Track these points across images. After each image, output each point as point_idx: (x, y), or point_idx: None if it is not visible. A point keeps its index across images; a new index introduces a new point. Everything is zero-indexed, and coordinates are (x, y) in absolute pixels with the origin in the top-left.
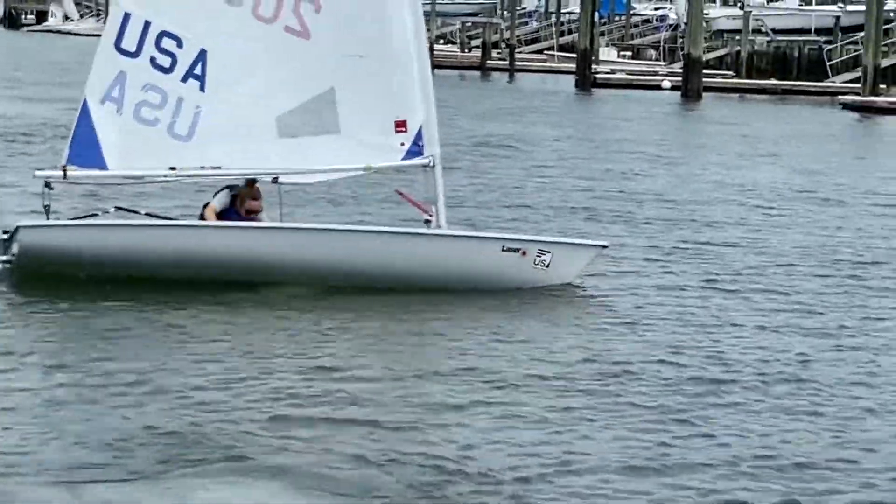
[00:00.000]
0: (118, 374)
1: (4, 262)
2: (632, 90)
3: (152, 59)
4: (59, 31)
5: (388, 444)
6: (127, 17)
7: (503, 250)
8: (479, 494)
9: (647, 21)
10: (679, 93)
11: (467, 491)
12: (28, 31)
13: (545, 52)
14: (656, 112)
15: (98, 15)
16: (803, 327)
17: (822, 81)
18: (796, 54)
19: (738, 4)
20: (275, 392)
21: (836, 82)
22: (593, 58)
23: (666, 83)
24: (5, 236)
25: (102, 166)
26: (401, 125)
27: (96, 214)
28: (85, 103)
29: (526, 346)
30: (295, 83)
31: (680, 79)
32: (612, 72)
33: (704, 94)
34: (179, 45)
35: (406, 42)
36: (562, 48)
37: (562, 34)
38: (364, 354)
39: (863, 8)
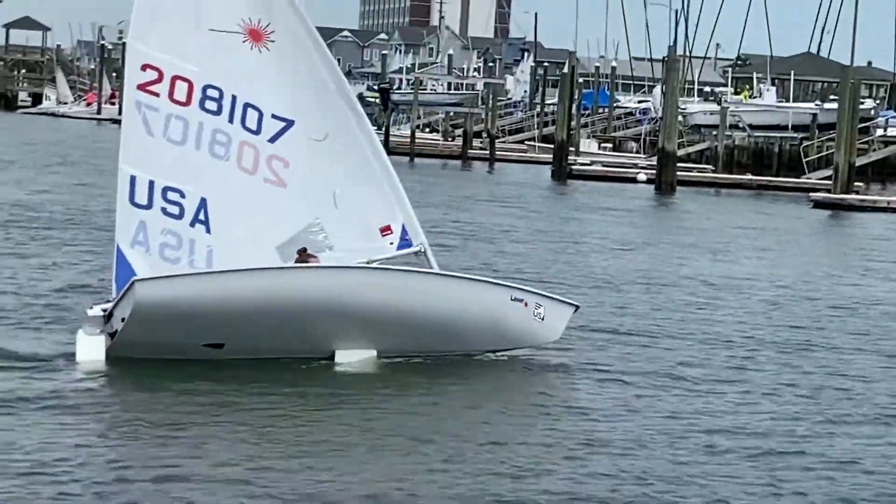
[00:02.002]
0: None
1: (110, 334)
2: (607, 182)
3: (163, 209)
4: (53, 114)
5: None
6: (133, 178)
7: (512, 299)
8: None
9: (630, 114)
10: (654, 186)
11: None
12: (23, 112)
13: (526, 142)
14: (626, 204)
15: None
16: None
17: (799, 178)
18: (776, 150)
19: (716, 100)
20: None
21: (813, 178)
22: (572, 149)
23: (641, 176)
24: (103, 312)
25: None
26: (386, 229)
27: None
28: (118, 248)
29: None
30: (283, 221)
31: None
32: (591, 163)
33: (680, 188)
34: (182, 196)
35: (370, 167)
36: (545, 139)
37: (545, 125)
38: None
39: None
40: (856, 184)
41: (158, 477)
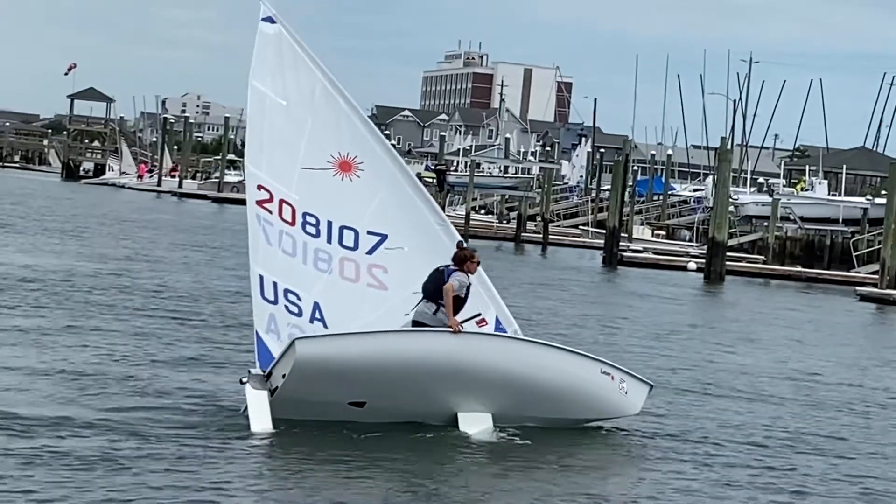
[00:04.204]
0: None
1: (271, 391)
2: (657, 269)
3: (286, 307)
4: (113, 185)
5: None
6: (261, 277)
7: (601, 372)
8: None
9: (685, 202)
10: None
11: None
12: (85, 182)
13: (580, 227)
14: (672, 293)
15: (151, 171)
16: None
17: (849, 271)
18: (828, 243)
19: (768, 191)
20: None
21: (861, 272)
22: (625, 235)
23: (692, 265)
24: (262, 373)
25: None
26: (481, 322)
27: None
28: (257, 333)
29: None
30: (389, 317)
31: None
32: (643, 250)
33: (729, 278)
34: (299, 298)
35: None
36: (599, 224)
37: (600, 210)
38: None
39: None
40: None
41: None
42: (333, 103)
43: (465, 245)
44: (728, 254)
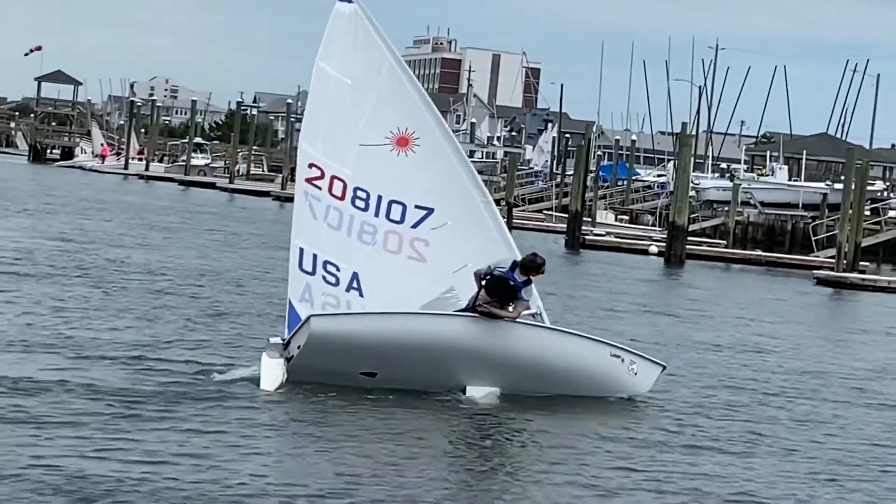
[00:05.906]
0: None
1: (287, 359)
2: (619, 253)
3: (324, 277)
4: (80, 167)
5: None
6: (301, 250)
7: (611, 355)
8: None
9: (649, 187)
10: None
11: None
12: (56, 165)
13: (544, 211)
14: (631, 275)
15: (119, 154)
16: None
17: (808, 255)
18: (788, 227)
19: (729, 176)
20: None
21: (820, 257)
22: (589, 219)
23: (653, 248)
24: (281, 341)
25: None
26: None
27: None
28: (290, 302)
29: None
30: (424, 289)
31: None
32: (606, 234)
33: (690, 262)
34: (338, 269)
35: (497, 246)
36: (564, 209)
37: (566, 195)
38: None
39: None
40: (863, 263)
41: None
42: (398, 80)
43: (538, 255)
44: (690, 238)
